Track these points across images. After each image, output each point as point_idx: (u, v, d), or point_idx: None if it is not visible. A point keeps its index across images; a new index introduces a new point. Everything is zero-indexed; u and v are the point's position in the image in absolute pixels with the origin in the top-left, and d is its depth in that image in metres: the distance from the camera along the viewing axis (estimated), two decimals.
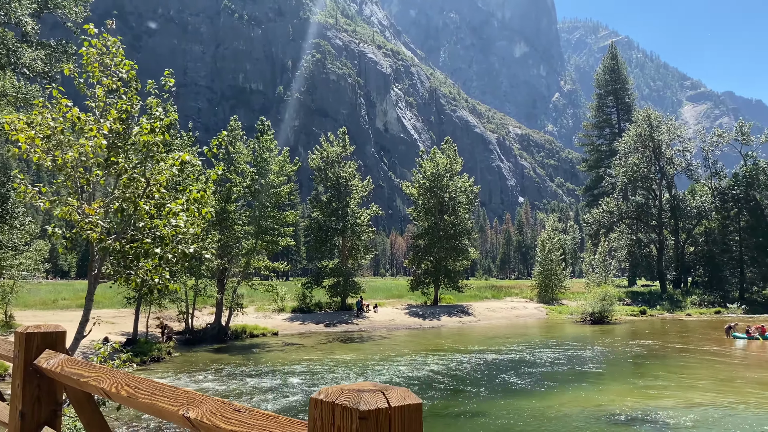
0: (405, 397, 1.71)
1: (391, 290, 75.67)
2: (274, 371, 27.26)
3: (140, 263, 11.59)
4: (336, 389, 1.72)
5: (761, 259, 75.43)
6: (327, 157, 58.23)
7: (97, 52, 11.21)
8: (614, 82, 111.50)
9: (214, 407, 2.34)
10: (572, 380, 25.86)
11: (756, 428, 17.51)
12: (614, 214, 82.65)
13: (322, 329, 47.11)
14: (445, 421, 18.68)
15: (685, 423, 18.06)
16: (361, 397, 1.63)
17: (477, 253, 73.36)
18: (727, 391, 23.52)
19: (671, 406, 20.31)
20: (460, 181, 64.81)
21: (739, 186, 77.44)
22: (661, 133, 79.79)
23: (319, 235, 57.72)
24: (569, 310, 64.12)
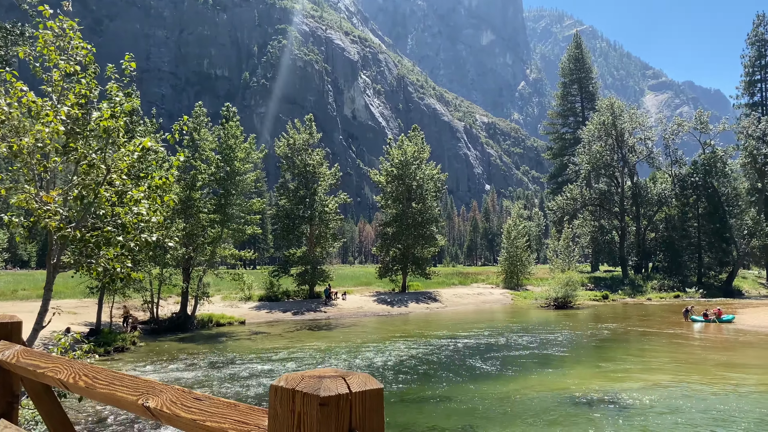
0: (366, 383, 1.72)
1: (360, 278, 75.80)
2: (240, 360, 27.10)
3: (102, 252, 11.35)
4: (296, 376, 1.72)
5: (718, 245, 77.82)
6: (294, 144, 57.77)
7: (54, 35, 10.85)
8: (579, 71, 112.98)
9: (175, 396, 2.32)
10: (537, 364, 26.35)
11: (713, 407, 18.14)
12: (578, 201, 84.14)
13: (289, 317, 46.95)
14: (412, 405, 18.86)
15: (645, 403, 18.60)
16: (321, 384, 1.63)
17: (444, 241, 73.96)
18: (686, 372, 24.29)
19: (633, 388, 20.88)
20: (427, 169, 65.06)
21: (697, 173, 79.57)
22: (624, 121, 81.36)
23: (286, 223, 57.35)
24: (534, 296, 65.18)
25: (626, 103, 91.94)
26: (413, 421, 17.02)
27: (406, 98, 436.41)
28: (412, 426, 16.45)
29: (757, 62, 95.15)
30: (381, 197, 66.50)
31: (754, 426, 16.18)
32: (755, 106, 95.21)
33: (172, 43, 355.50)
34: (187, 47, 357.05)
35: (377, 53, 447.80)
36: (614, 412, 17.62)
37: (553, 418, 17.04)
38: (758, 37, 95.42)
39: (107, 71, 11.35)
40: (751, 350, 31.26)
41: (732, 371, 24.77)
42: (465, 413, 17.72)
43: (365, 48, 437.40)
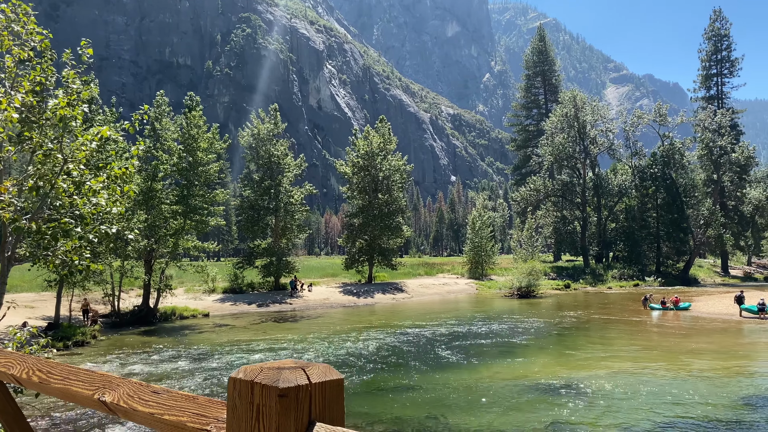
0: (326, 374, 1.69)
1: (326, 269, 75.63)
2: (203, 353, 26.81)
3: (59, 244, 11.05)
4: (255, 367, 1.68)
5: (676, 235, 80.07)
6: (258, 134, 57.13)
7: (6, 19, 10.46)
8: (542, 63, 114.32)
9: (132, 390, 2.27)
10: (502, 352, 26.75)
11: (669, 391, 18.71)
12: (541, 192, 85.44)
13: (254, 310, 46.60)
14: (378, 395, 18.96)
15: (606, 389, 19.08)
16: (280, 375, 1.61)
17: (411, 231, 74.30)
18: (645, 359, 24.99)
19: (594, 375, 21.39)
20: (393, 160, 65.13)
21: (656, 165, 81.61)
22: (586, 114, 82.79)
23: (251, 215, 56.80)
24: (498, 285, 66.09)
25: (588, 95, 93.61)
26: (379, 411, 17.12)
27: (372, 89, 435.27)
28: (377, 416, 16.54)
29: (714, 57, 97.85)
30: (347, 188, 66.35)
31: (709, 408, 16.76)
32: (711, 99, 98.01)
33: (132, 31, 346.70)
34: (148, 35, 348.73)
35: (343, 43, 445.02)
36: (576, 398, 18.02)
37: (517, 405, 17.34)
38: (714, 32, 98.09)
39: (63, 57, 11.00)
40: (705, 336, 32.30)
41: (688, 357, 25.58)
42: (430, 402, 17.90)
43: (330, 38, 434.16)
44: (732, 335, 32.66)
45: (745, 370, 22.90)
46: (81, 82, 10.93)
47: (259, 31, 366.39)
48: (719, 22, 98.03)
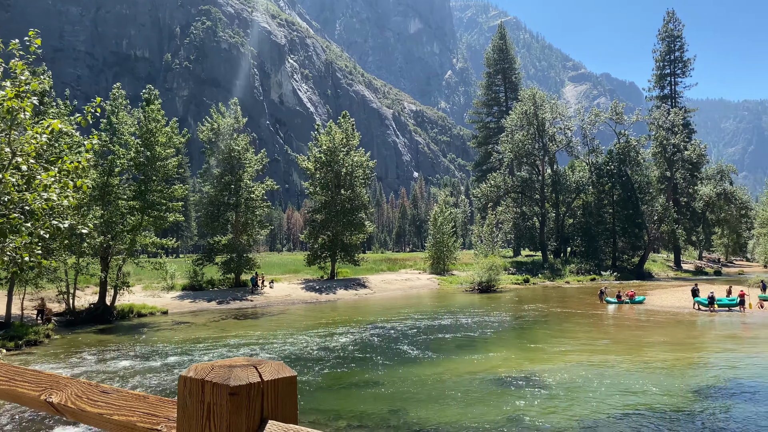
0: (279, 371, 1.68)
1: (288, 265, 75.12)
2: (160, 351, 26.32)
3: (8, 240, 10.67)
4: (206, 366, 1.67)
5: (631, 230, 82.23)
6: (218, 129, 56.27)
7: None
8: (503, 61, 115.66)
9: (80, 390, 2.21)
10: (462, 347, 27.04)
11: (623, 382, 19.24)
12: (501, 188, 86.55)
13: (214, 307, 45.98)
14: (340, 391, 18.94)
15: (564, 381, 19.49)
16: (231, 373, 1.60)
17: (373, 227, 74.32)
18: (601, 351, 25.62)
19: (552, 367, 21.82)
20: (356, 156, 65.03)
21: (613, 162, 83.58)
22: (545, 111, 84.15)
23: (210, 210, 55.97)
24: (459, 280, 66.74)
25: (547, 93, 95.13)
26: (341, 406, 17.11)
27: (334, 84, 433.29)
28: (340, 411, 16.53)
29: (667, 57, 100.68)
30: (309, 184, 65.98)
31: (662, 398, 17.29)
32: (665, 98, 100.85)
33: (87, 22, 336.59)
34: (104, 26, 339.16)
35: (305, 38, 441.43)
36: (536, 391, 18.36)
37: (478, 399, 17.56)
38: (668, 32, 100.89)
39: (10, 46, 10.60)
40: (659, 329, 33.29)
41: (642, 349, 26.34)
42: (392, 397, 17.98)
43: (292, 32, 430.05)
44: (684, 327, 33.74)
45: (695, 361, 23.72)
46: (30, 74, 10.55)
47: (219, 24, 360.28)
48: (672, 23, 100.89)
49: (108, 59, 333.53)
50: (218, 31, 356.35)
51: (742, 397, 17.76)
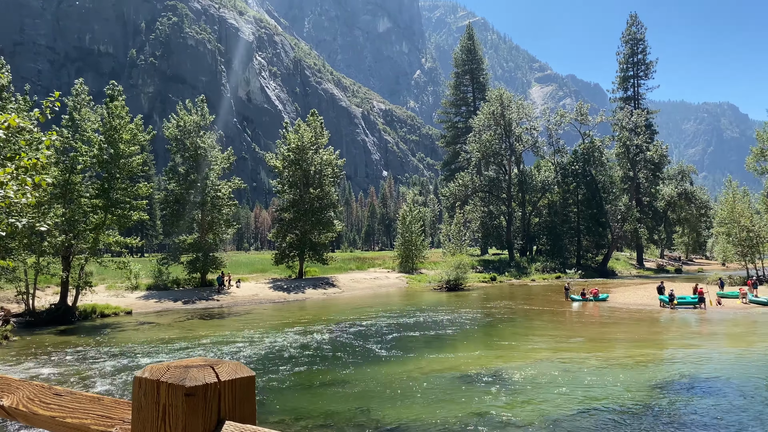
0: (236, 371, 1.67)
1: (255, 265, 74.47)
2: (123, 352, 25.83)
3: None
4: (162, 366, 1.66)
5: (595, 229, 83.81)
6: (184, 126, 55.40)
7: None
8: (471, 62, 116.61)
9: (32, 393, 2.16)
10: (430, 345, 27.19)
11: (587, 378, 19.60)
12: (469, 187, 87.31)
13: (180, 307, 45.32)
14: (307, 391, 18.86)
15: (530, 378, 19.75)
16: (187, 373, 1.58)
17: (342, 226, 74.17)
18: (566, 348, 26.05)
19: (518, 364, 22.10)
20: (325, 154, 64.78)
21: (577, 162, 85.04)
22: (512, 112, 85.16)
23: (176, 209, 55.12)
24: (428, 279, 67.09)
25: (514, 94, 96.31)
26: (308, 406, 17.04)
27: (303, 82, 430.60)
28: (306, 411, 16.46)
29: (631, 59, 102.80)
30: (277, 182, 65.50)
31: (624, 394, 17.67)
32: (629, 99, 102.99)
33: (49, 15, 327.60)
34: (66, 20, 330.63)
35: (273, 35, 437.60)
36: (502, 388, 18.57)
37: (445, 396, 17.69)
38: (631, 35, 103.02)
39: None
40: (622, 326, 34.02)
41: (605, 345, 26.88)
42: (360, 396, 17.98)
43: (260, 29, 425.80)
44: (646, 324, 34.53)
45: (656, 357, 24.29)
46: None
47: (186, 20, 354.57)
48: (635, 26, 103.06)
49: (70, 54, 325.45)
50: (185, 27, 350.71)
51: (700, 391, 18.27)
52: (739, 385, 18.85)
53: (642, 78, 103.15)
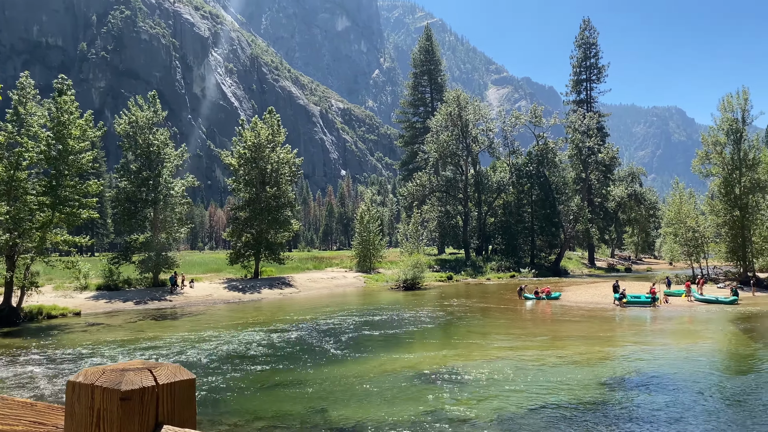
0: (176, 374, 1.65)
1: (209, 264, 73.30)
2: (68, 354, 25.05)
3: None
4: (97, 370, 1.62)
5: (548, 229, 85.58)
6: (136, 122, 54.05)
7: None
8: (429, 62, 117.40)
9: None
10: (387, 344, 27.28)
11: (540, 375, 20.00)
12: (426, 187, 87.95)
13: (131, 307, 44.24)
14: (261, 392, 18.67)
15: (485, 376, 20.02)
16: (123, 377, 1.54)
17: (299, 225, 73.68)
18: (520, 346, 26.51)
19: (474, 363, 22.37)
20: (282, 153, 64.20)
21: (532, 163, 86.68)
22: (469, 113, 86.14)
23: (127, 207, 53.75)
24: (385, 278, 67.28)
25: (471, 95, 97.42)
26: (262, 407, 16.88)
27: (260, 79, 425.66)
28: (260, 412, 16.30)
29: (584, 63, 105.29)
30: (233, 180, 64.58)
31: (576, 391, 18.10)
32: (581, 102, 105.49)
33: None
34: (12, 10, 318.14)
35: (230, 31, 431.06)
36: (458, 386, 18.77)
37: (401, 396, 17.77)
38: (584, 40, 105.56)
39: None
40: (574, 323, 34.85)
41: (558, 343, 27.47)
42: (315, 396, 17.91)
43: (217, 25, 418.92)
44: (597, 322, 35.44)
45: (607, 354, 24.96)
46: None
47: (139, 13, 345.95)
48: (588, 31, 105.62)
49: (16, 46, 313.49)
50: (138, 21, 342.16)
51: (648, 386, 18.87)
52: (685, 380, 19.56)
53: (594, 82, 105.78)
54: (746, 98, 55.24)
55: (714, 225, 58.66)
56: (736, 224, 55.26)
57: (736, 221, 55.18)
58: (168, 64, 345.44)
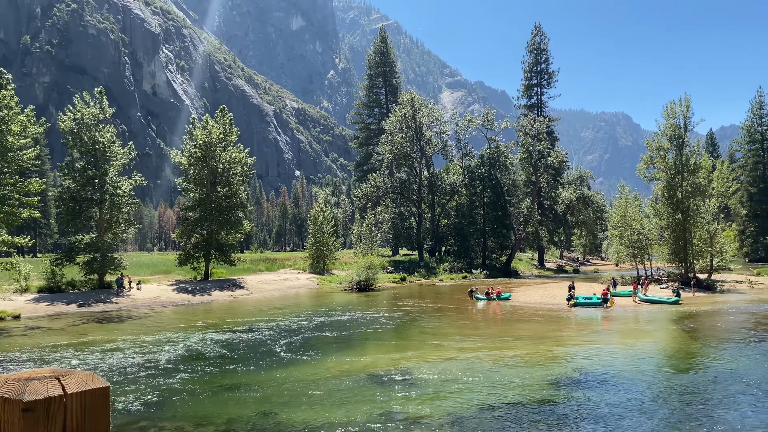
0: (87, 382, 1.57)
1: (158, 266, 71.58)
2: (3, 361, 24.03)
3: None
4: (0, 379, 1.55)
5: (499, 231, 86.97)
6: (81, 118, 52.28)
7: None
8: (384, 64, 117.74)
9: None
10: (339, 346, 27.17)
11: (491, 376, 20.25)
12: (381, 189, 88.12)
13: (75, 310, 42.74)
14: (210, 396, 18.30)
15: (436, 377, 20.14)
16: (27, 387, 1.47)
17: (252, 226, 72.72)
18: (470, 346, 26.82)
19: (426, 364, 22.49)
20: (234, 152, 63.19)
21: (484, 166, 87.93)
22: (423, 115, 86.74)
23: (72, 206, 51.90)
24: (339, 280, 67.04)
25: (425, 98, 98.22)
26: (211, 412, 16.55)
27: (212, 77, 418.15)
28: (208, 417, 15.98)
29: (535, 68, 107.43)
30: (183, 180, 63.20)
31: (524, 390, 18.42)
32: (532, 107, 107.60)
33: None
34: None
35: (181, 28, 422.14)
36: (409, 387, 18.83)
37: (352, 398, 17.71)
38: (535, 45, 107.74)
39: None
40: (523, 324, 35.49)
41: (508, 343, 27.91)
42: (265, 400, 17.67)
43: (168, 21, 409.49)
44: (546, 322, 36.18)
45: (556, 353, 25.50)
46: None
47: (86, 7, 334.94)
48: (539, 36, 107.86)
49: None
50: (85, 15, 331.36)
51: (593, 385, 19.36)
52: (629, 379, 20.15)
53: (545, 87, 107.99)
54: (688, 105, 57.45)
55: (657, 228, 60.72)
56: (678, 227, 57.36)
57: (678, 224, 57.28)
58: (117, 60, 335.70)
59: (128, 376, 20.98)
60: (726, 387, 18.91)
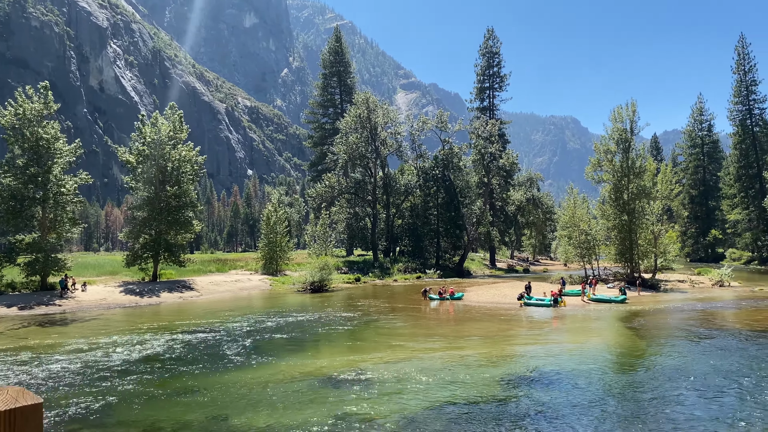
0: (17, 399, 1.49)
1: (105, 267, 69.44)
2: None
3: None
4: None
5: (453, 231, 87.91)
6: (23, 114, 50.22)
7: None
8: (338, 64, 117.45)
9: None
10: (291, 348, 26.88)
11: (443, 376, 20.39)
12: (335, 189, 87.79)
13: (15, 313, 40.99)
14: (158, 401, 17.81)
15: (389, 378, 20.13)
16: None
17: (202, 226, 71.26)
18: (423, 346, 26.95)
19: (379, 365, 22.47)
20: (184, 150, 61.84)
21: (437, 167, 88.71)
22: (378, 116, 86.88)
23: (12, 205, 49.77)
24: (292, 281, 66.44)
25: (380, 99, 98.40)
26: (159, 417, 16.10)
27: (162, 73, 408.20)
28: (156, 422, 15.54)
29: (487, 71, 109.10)
30: (131, 178, 61.45)
31: (476, 388, 18.62)
32: (484, 110, 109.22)
33: None
34: None
35: (130, 22, 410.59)
36: (362, 389, 18.76)
37: (305, 401, 17.53)
38: (488, 49, 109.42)
39: None
40: (475, 323, 35.91)
41: (460, 342, 28.18)
42: (215, 404, 17.32)
43: (116, 15, 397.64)
44: (497, 321, 36.71)
45: (507, 353, 25.89)
46: None
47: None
48: (492, 40, 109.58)
49: None
50: (28, 6, 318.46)
51: (543, 383, 19.73)
52: (578, 376, 20.61)
53: (497, 90, 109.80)
54: (634, 110, 59.33)
55: (605, 228, 62.47)
56: (625, 228, 59.15)
57: (625, 225, 59.07)
58: (61, 54, 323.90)
59: (71, 382, 20.23)
60: (673, 383, 19.57)
